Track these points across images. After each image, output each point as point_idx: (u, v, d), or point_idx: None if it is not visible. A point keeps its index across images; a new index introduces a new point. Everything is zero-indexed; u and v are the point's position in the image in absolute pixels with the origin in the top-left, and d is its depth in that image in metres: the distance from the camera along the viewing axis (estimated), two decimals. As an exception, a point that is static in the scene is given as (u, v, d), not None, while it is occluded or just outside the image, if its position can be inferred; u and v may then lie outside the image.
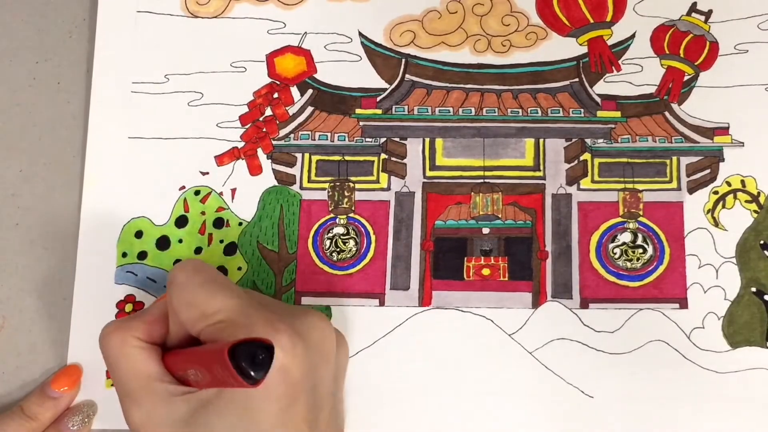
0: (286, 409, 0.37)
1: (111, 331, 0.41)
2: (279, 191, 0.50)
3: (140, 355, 0.40)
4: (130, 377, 0.40)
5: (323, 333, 0.40)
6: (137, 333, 0.40)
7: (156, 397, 0.39)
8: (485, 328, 0.48)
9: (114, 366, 0.40)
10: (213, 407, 0.37)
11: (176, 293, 0.40)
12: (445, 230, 0.50)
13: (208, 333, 0.38)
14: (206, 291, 0.39)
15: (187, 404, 0.38)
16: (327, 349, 0.40)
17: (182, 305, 0.39)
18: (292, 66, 0.52)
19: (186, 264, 0.41)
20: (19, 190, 0.51)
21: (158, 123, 0.51)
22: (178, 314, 0.39)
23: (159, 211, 0.50)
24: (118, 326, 0.41)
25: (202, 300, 0.39)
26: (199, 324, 0.38)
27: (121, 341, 0.40)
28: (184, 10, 0.53)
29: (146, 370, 0.39)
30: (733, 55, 0.51)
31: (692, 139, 0.50)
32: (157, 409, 0.38)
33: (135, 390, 0.39)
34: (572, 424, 0.46)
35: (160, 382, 0.39)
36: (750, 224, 0.48)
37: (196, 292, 0.39)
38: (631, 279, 0.48)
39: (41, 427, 0.45)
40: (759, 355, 0.47)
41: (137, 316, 0.42)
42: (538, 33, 0.52)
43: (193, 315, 0.39)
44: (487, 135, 0.50)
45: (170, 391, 0.39)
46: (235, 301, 0.39)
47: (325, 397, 0.40)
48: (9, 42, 0.53)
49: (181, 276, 0.40)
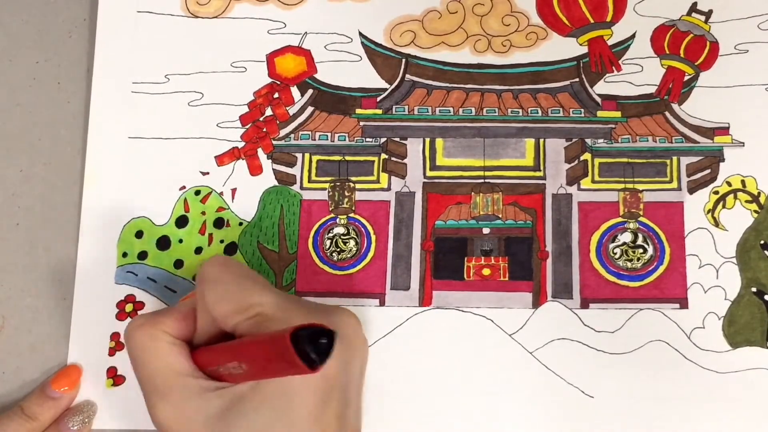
0: (322, 404, 0.37)
1: (139, 326, 0.40)
2: (279, 191, 0.50)
3: (170, 350, 0.40)
4: (159, 373, 0.39)
5: (355, 330, 0.40)
6: (166, 328, 0.40)
7: (188, 392, 0.38)
8: (485, 328, 0.48)
9: (141, 362, 0.40)
10: (249, 401, 0.37)
11: (210, 288, 0.39)
12: (446, 230, 0.50)
13: (245, 327, 0.38)
14: (241, 286, 0.39)
15: (221, 399, 0.37)
16: (358, 346, 0.41)
17: (217, 300, 0.39)
18: (292, 66, 0.52)
19: (216, 260, 0.41)
20: (19, 190, 0.51)
21: (158, 123, 0.51)
22: (211, 309, 0.39)
23: (159, 211, 0.50)
24: (147, 321, 0.40)
25: (238, 295, 0.39)
26: (235, 318, 0.38)
27: (151, 336, 0.40)
28: (184, 10, 0.53)
29: (177, 366, 0.39)
30: (733, 55, 0.51)
31: (692, 139, 0.50)
32: (190, 405, 0.38)
33: (165, 386, 0.39)
34: (572, 424, 0.46)
35: (192, 378, 0.39)
36: (750, 224, 0.49)
37: (230, 287, 0.39)
38: (632, 279, 0.48)
39: (41, 427, 0.45)
40: (759, 355, 0.47)
41: (166, 312, 0.41)
42: (538, 33, 0.52)
43: (229, 309, 0.39)
44: (487, 135, 0.50)
45: (203, 387, 0.38)
46: (271, 296, 0.39)
47: (354, 395, 0.40)
48: (9, 42, 0.53)
49: (214, 271, 0.40)
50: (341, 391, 0.38)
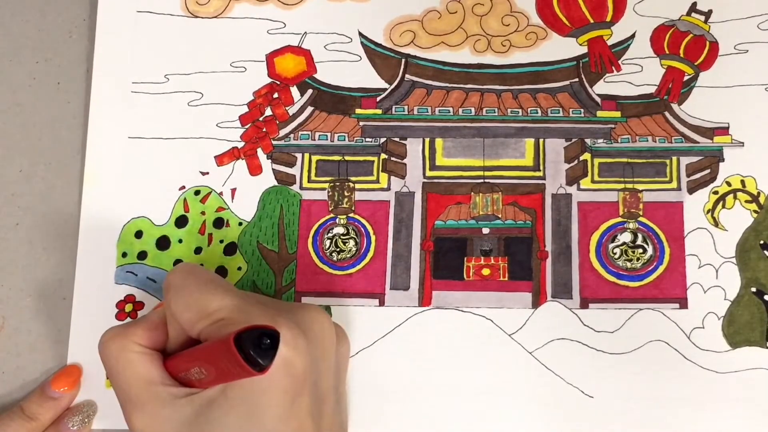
0: (291, 402, 0.37)
1: (110, 338, 0.41)
2: (279, 191, 0.50)
3: (141, 360, 0.40)
4: (131, 383, 0.39)
5: (323, 326, 0.40)
6: (137, 339, 0.40)
7: (159, 400, 0.38)
8: (485, 328, 0.48)
9: (114, 372, 0.40)
10: (218, 405, 0.37)
11: (174, 297, 0.40)
12: (445, 230, 0.50)
13: (208, 332, 0.38)
14: (203, 292, 0.39)
15: (191, 405, 0.38)
16: (327, 342, 0.40)
17: (180, 308, 0.39)
18: (292, 66, 0.52)
19: (181, 268, 0.41)
20: (19, 190, 0.51)
21: (158, 123, 0.51)
22: (176, 317, 0.39)
23: (159, 211, 0.50)
24: (117, 333, 0.41)
25: (200, 301, 0.39)
26: (199, 324, 0.38)
27: (121, 347, 0.40)
28: (184, 10, 0.53)
29: (148, 375, 0.39)
30: (733, 55, 0.51)
31: (692, 139, 0.50)
32: (161, 413, 0.38)
33: (137, 395, 0.39)
34: (572, 424, 0.46)
35: (163, 386, 0.39)
36: (750, 224, 0.48)
37: (193, 294, 0.39)
38: (631, 279, 0.48)
39: (41, 427, 0.45)
40: (759, 355, 0.47)
41: (137, 323, 0.42)
42: (538, 33, 0.52)
43: (192, 316, 0.39)
44: (487, 135, 0.50)
45: (173, 394, 0.39)
46: (232, 300, 0.39)
47: (327, 391, 0.40)
48: (9, 42, 0.53)
49: (177, 279, 0.40)
50: (312, 388, 0.38)
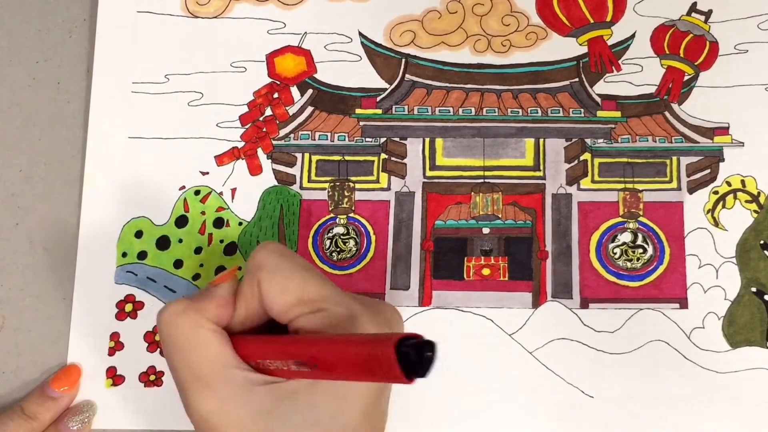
0: (375, 401, 0.36)
1: (181, 312, 0.37)
2: (279, 191, 0.50)
3: (215, 339, 0.37)
4: (202, 363, 0.36)
5: (399, 324, 0.40)
6: (209, 315, 0.37)
7: (234, 385, 0.36)
8: (485, 328, 0.48)
9: (182, 350, 0.37)
10: (303, 397, 0.35)
11: (268, 277, 0.37)
12: (445, 230, 0.50)
13: (305, 321, 0.36)
14: (303, 277, 0.37)
15: (270, 394, 0.36)
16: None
17: (276, 290, 0.37)
18: (292, 66, 0.52)
19: (273, 247, 0.39)
20: (19, 190, 0.51)
21: (158, 123, 0.51)
22: (269, 299, 0.37)
23: (159, 211, 0.50)
24: (190, 306, 0.37)
25: (299, 286, 0.37)
26: (294, 311, 0.37)
27: (195, 323, 0.37)
28: (184, 10, 0.53)
29: (222, 356, 0.37)
30: (733, 55, 0.51)
31: (692, 139, 0.50)
32: (235, 398, 0.36)
33: (208, 377, 0.36)
34: (572, 424, 0.46)
35: (238, 370, 0.36)
36: (750, 224, 0.48)
37: (292, 277, 0.37)
38: (631, 279, 0.48)
39: (41, 427, 0.45)
40: (759, 355, 0.47)
41: (208, 298, 0.38)
42: (538, 33, 0.52)
43: (289, 301, 0.37)
44: (487, 135, 0.50)
45: (251, 380, 0.36)
46: (331, 291, 0.37)
47: (391, 388, 0.40)
48: (9, 42, 0.53)
49: (273, 259, 0.38)
50: (388, 388, 0.38)
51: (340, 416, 0.35)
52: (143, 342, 0.48)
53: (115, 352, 0.48)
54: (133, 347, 0.48)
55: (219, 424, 0.36)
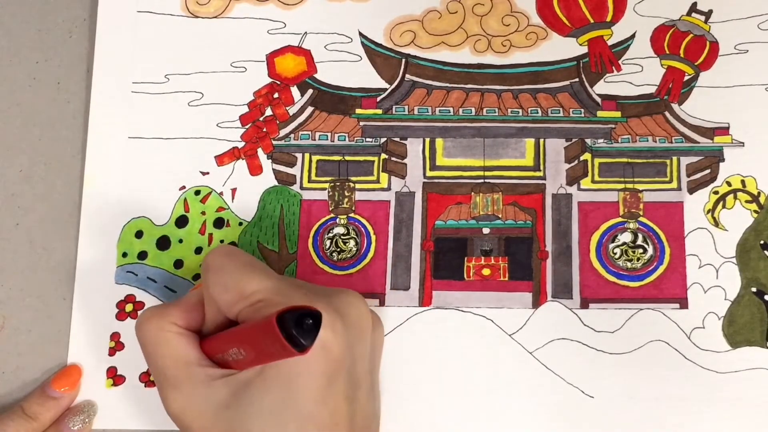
0: (327, 385, 0.37)
1: (148, 318, 0.41)
2: (279, 191, 0.50)
3: (178, 341, 0.40)
4: (168, 363, 0.40)
5: (360, 311, 0.40)
6: (174, 319, 0.41)
7: (196, 381, 0.39)
8: (485, 328, 0.48)
9: (151, 352, 0.40)
10: (255, 387, 0.37)
11: (212, 277, 0.40)
12: (446, 230, 0.50)
13: (246, 314, 0.38)
14: (243, 273, 0.39)
15: (227, 386, 0.38)
16: (363, 326, 0.41)
17: (219, 289, 0.39)
18: (292, 66, 0.52)
19: (219, 249, 0.42)
20: (19, 190, 0.51)
21: (158, 123, 0.51)
22: (215, 298, 0.40)
23: (159, 211, 0.50)
24: (155, 313, 0.41)
25: (240, 282, 0.39)
26: (237, 305, 0.39)
27: (159, 328, 0.40)
28: (184, 10, 0.53)
29: (185, 356, 0.40)
30: (733, 55, 0.51)
31: (692, 139, 0.50)
32: (198, 394, 0.38)
33: (174, 376, 0.39)
34: (572, 424, 0.46)
35: (199, 367, 0.39)
36: (750, 224, 0.49)
37: (232, 275, 0.39)
38: (631, 279, 0.48)
39: (42, 427, 0.45)
40: (759, 355, 0.47)
41: (174, 304, 0.42)
42: (538, 33, 0.52)
43: (231, 297, 0.39)
44: (487, 135, 0.50)
45: (210, 375, 0.39)
46: (272, 282, 0.39)
47: (363, 375, 0.40)
48: (9, 42, 0.53)
49: (217, 260, 0.40)
50: (348, 372, 0.38)
51: (291, 402, 0.37)
52: (143, 342, 0.48)
53: (115, 352, 0.48)
54: (134, 347, 0.47)
55: (187, 419, 0.39)
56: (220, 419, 0.38)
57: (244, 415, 0.37)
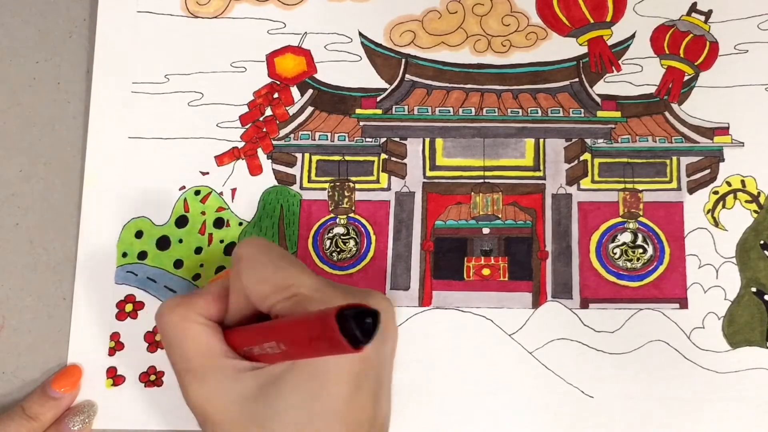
0: (357, 384, 0.37)
1: (171, 308, 0.40)
2: (279, 191, 0.50)
3: (204, 331, 0.39)
4: (192, 354, 0.39)
5: (388, 314, 0.40)
6: (200, 310, 0.40)
7: (223, 373, 0.38)
8: (485, 328, 0.48)
9: (175, 343, 0.39)
10: (285, 381, 0.37)
11: (246, 269, 0.39)
12: (445, 230, 0.50)
13: (282, 308, 0.38)
14: (278, 266, 0.39)
15: (256, 379, 0.37)
16: (390, 328, 0.40)
17: (253, 280, 0.39)
18: (292, 66, 0.52)
19: (253, 241, 0.41)
20: (19, 190, 0.51)
21: (158, 123, 0.51)
22: (248, 289, 0.39)
23: (159, 211, 0.50)
24: (179, 302, 0.40)
25: (275, 275, 0.38)
26: (272, 298, 0.38)
27: (183, 318, 0.40)
28: (184, 10, 0.53)
29: (211, 347, 0.39)
30: (733, 55, 0.51)
31: (692, 139, 0.50)
32: (224, 385, 0.38)
33: (199, 367, 0.39)
34: (572, 424, 0.46)
35: (226, 358, 0.39)
36: (750, 224, 0.49)
37: (267, 267, 0.39)
38: (631, 279, 0.48)
39: (42, 427, 0.45)
40: (759, 355, 0.47)
41: (198, 293, 0.41)
42: (538, 33, 0.52)
43: (266, 290, 0.38)
44: (487, 135, 0.51)
45: (237, 367, 0.38)
46: (307, 277, 0.39)
47: (387, 376, 0.40)
48: (9, 42, 0.53)
49: (250, 251, 0.40)
50: (375, 373, 0.38)
51: (321, 399, 0.36)
52: (143, 342, 0.48)
53: (115, 352, 0.48)
54: (134, 347, 0.48)
55: (211, 411, 0.38)
56: (246, 412, 0.37)
57: (271, 408, 0.37)
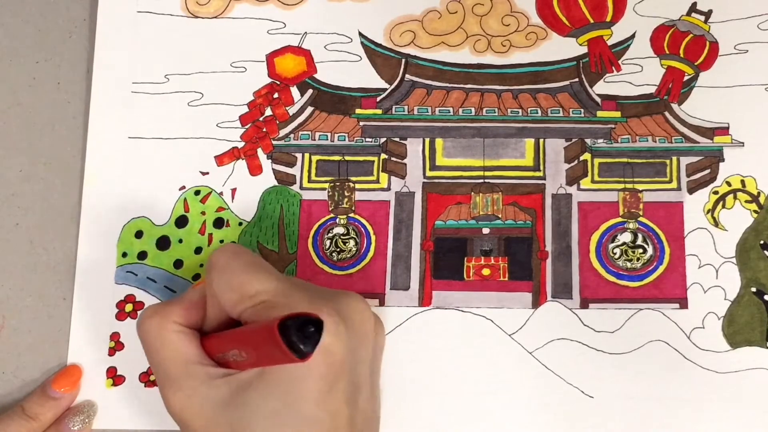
0: (328, 389, 0.37)
1: (149, 316, 0.41)
2: (279, 191, 0.50)
3: (179, 339, 0.40)
4: (169, 362, 0.40)
5: (363, 315, 0.40)
6: (176, 318, 0.41)
7: (196, 380, 0.39)
8: (485, 328, 0.48)
9: (153, 351, 0.40)
10: (254, 388, 0.37)
11: (217, 276, 0.40)
12: (445, 230, 0.50)
13: (249, 314, 0.38)
14: (247, 273, 0.39)
15: (227, 386, 0.38)
16: (366, 330, 0.41)
17: (223, 288, 0.39)
18: (292, 66, 0.52)
19: (226, 248, 0.41)
20: (19, 190, 0.51)
21: (158, 123, 0.51)
22: (218, 297, 0.40)
23: (159, 211, 0.50)
24: (156, 311, 0.41)
25: (243, 282, 0.39)
26: (240, 306, 0.39)
27: (159, 326, 0.40)
28: (184, 10, 0.53)
29: (185, 354, 0.40)
30: (733, 55, 0.51)
31: (692, 139, 0.50)
32: (198, 392, 0.38)
33: (174, 374, 0.39)
34: (572, 424, 0.46)
35: (200, 365, 0.39)
36: (750, 224, 0.49)
37: (236, 275, 0.39)
38: (631, 279, 0.48)
39: (42, 427, 0.45)
40: (759, 355, 0.47)
41: (175, 301, 0.42)
42: (538, 33, 0.52)
43: (234, 297, 0.39)
44: (487, 135, 0.51)
45: (210, 374, 0.39)
46: (276, 283, 0.39)
47: (364, 379, 0.40)
48: (9, 42, 0.53)
49: (222, 259, 0.40)
50: (349, 376, 0.38)
51: (292, 405, 0.37)
52: (143, 342, 0.48)
53: (115, 352, 0.48)
54: (134, 347, 0.48)
55: (188, 418, 0.39)
56: (220, 418, 0.38)
57: (244, 415, 0.37)
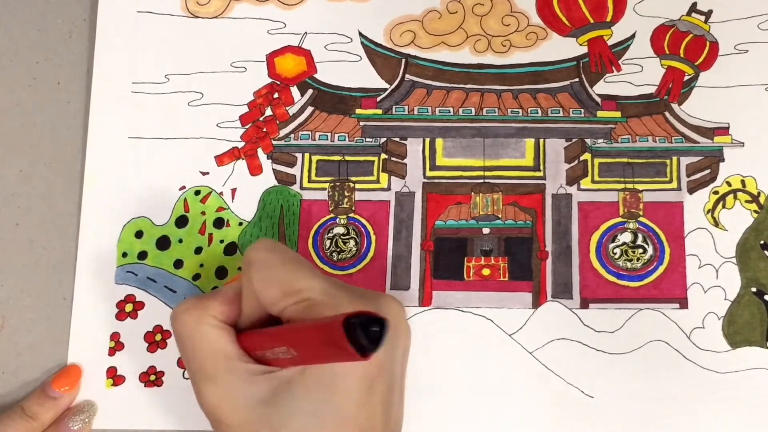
0: (368, 389, 0.37)
1: (186, 310, 0.40)
2: (279, 191, 0.50)
3: (218, 334, 0.39)
4: (206, 357, 0.39)
5: (399, 316, 0.40)
6: (213, 312, 0.40)
7: (235, 376, 0.38)
8: (485, 328, 0.48)
9: (189, 345, 0.40)
10: (296, 385, 0.37)
11: (257, 272, 0.39)
12: (445, 230, 0.50)
13: (292, 312, 0.38)
14: (289, 270, 0.39)
15: (268, 383, 0.37)
16: (402, 332, 0.40)
17: (264, 284, 0.39)
18: (292, 66, 0.52)
19: (263, 244, 0.40)
20: (19, 190, 0.51)
21: (158, 123, 0.51)
22: (259, 293, 0.39)
23: (159, 211, 0.50)
24: (194, 305, 0.40)
25: (286, 279, 0.38)
26: (283, 302, 0.38)
27: (197, 320, 0.39)
28: (184, 10, 0.53)
29: (224, 350, 0.39)
30: (733, 55, 0.51)
31: (692, 139, 0.50)
32: (237, 388, 0.38)
33: (212, 369, 0.39)
34: (572, 424, 0.46)
35: (240, 361, 0.39)
36: (750, 224, 0.49)
37: (278, 271, 0.39)
38: (631, 279, 0.48)
39: (42, 427, 0.45)
40: (759, 355, 0.47)
41: (212, 296, 0.41)
42: (538, 33, 0.52)
43: (276, 294, 0.38)
44: (487, 135, 0.51)
45: (251, 371, 0.38)
46: (318, 281, 0.38)
47: (398, 380, 0.40)
48: (9, 42, 0.53)
49: (261, 255, 0.39)
50: (387, 377, 0.38)
51: (332, 404, 0.36)
52: (143, 342, 0.48)
53: (115, 352, 0.48)
54: (134, 347, 0.48)
55: (223, 413, 0.38)
56: (257, 415, 0.37)
57: (283, 412, 0.37)
